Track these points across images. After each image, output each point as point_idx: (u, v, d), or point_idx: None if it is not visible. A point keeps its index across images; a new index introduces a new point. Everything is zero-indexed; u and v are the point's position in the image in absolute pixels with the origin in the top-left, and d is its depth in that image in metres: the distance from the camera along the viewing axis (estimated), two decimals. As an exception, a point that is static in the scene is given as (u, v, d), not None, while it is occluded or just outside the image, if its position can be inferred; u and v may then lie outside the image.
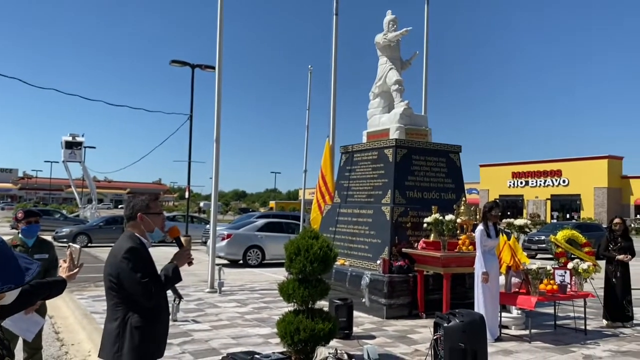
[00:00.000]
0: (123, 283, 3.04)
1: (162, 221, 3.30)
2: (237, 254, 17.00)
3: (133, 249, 3.07)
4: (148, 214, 3.21)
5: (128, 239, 3.16)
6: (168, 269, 3.13)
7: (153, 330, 3.10)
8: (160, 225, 3.29)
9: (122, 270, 3.04)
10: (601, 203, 60.94)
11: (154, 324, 3.10)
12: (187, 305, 9.47)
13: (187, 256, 3.24)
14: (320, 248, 5.90)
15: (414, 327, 8.10)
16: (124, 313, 3.06)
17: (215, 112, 11.74)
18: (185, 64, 23.38)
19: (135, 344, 3.02)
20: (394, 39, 10.86)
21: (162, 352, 3.26)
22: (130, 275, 3.01)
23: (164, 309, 3.23)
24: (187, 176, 23.18)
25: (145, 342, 3.05)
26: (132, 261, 3.03)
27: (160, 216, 3.29)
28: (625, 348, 7.21)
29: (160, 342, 3.20)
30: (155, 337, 3.13)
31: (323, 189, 12.52)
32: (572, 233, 9.06)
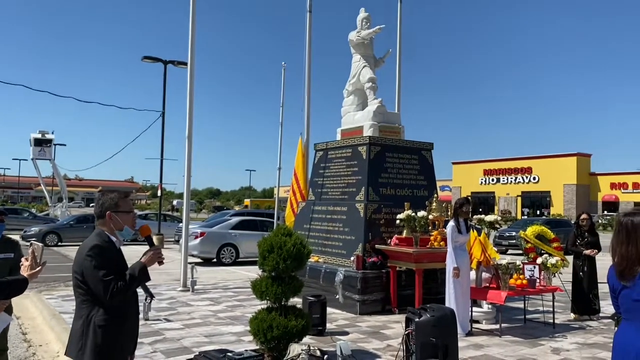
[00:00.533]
0: (87, 281, 2.99)
1: (132, 219, 3.25)
2: (211, 252, 16.89)
3: (97, 247, 3.03)
4: (117, 212, 3.17)
5: (95, 236, 3.12)
6: (135, 268, 3.07)
7: (118, 330, 3.03)
8: (130, 223, 3.23)
9: (85, 268, 2.99)
10: (570, 199, 62.33)
11: (119, 323, 3.04)
12: (159, 304, 9.37)
13: (156, 255, 3.17)
14: (294, 245, 5.89)
15: (386, 323, 8.16)
16: (88, 311, 3.01)
17: (187, 109, 11.61)
18: (157, 60, 23.10)
19: (98, 343, 2.96)
20: (367, 37, 10.91)
21: (129, 352, 3.19)
22: (93, 273, 2.96)
23: (131, 309, 3.17)
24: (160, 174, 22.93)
25: (109, 342, 2.99)
26: (95, 259, 2.98)
27: (130, 214, 3.24)
28: (591, 340, 7.39)
29: (125, 342, 3.13)
30: (120, 337, 3.06)
31: (295, 187, 12.52)
32: (541, 229, 9.25)
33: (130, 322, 3.16)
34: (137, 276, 3.05)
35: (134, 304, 3.20)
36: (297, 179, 12.61)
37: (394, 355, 6.01)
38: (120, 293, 2.97)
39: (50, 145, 40.66)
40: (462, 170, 73.30)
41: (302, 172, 12.61)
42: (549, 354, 6.65)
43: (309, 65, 13.61)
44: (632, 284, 2.99)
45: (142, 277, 3.10)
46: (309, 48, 13.59)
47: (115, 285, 2.95)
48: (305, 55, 13.59)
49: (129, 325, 3.15)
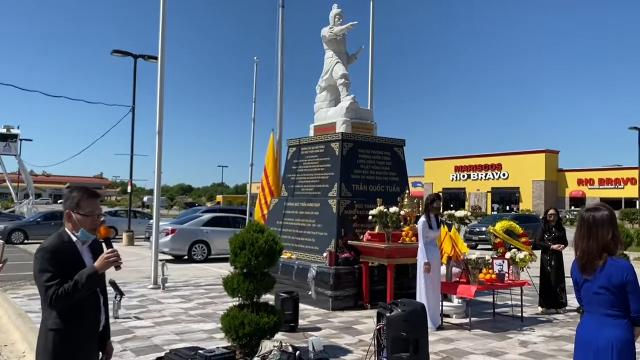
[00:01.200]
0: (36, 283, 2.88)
1: (90, 223, 3.01)
2: (182, 249, 16.72)
3: (44, 249, 2.86)
4: (76, 213, 2.99)
5: (53, 236, 2.97)
6: (83, 274, 2.84)
7: (70, 335, 2.87)
8: (88, 226, 3.00)
9: (33, 270, 2.88)
10: (539, 195, 63.62)
11: (71, 327, 2.88)
12: (129, 302, 9.24)
13: (111, 260, 2.92)
14: (266, 242, 5.87)
15: (358, 318, 8.21)
16: (44, 313, 2.90)
17: (157, 104, 11.45)
18: (127, 54, 22.73)
19: (49, 348, 2.83)
20: (339, 33, 10.92)
21: (90, 356, 3.03)
22: (37, 276, 2.83)
23: (86, 312, 2.96)
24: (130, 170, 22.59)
25: (59, 346, 2.84)
26: (39, 261, 2.83)
27: (88, 218, 3.00)
28: (558, 333, 7.57)
29: (81, 347, 2.94)
30: (72, 341, 2.88)
31: (264, 183, 12.47)
32: (510, 224, 9.42)
33: (87, 327, 2.97)
34: (83, 282, 2.82)
35: (90, 307, 2.99)
36: (266, 175, 12.57)
37: (365, 350, 6.06)
38: (61, 300, 2.78)
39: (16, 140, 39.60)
40: (433, 166, 74.13)
41: (272, 169, 12.57)
42: (517, 346, 6.79)
43: (281, 61, 13.57)
44: (593, 277, 3.07)
45: (91, 284, 2.87)
46: (281, 43, 13.54)
47: (55, 291, 2.77)
48: (278, 51, 13.54)
49: (85, 330, 2.95)
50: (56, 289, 2.78)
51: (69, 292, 2.79)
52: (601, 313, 3.05)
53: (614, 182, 62.47)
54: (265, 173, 12.68)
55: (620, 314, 3.01)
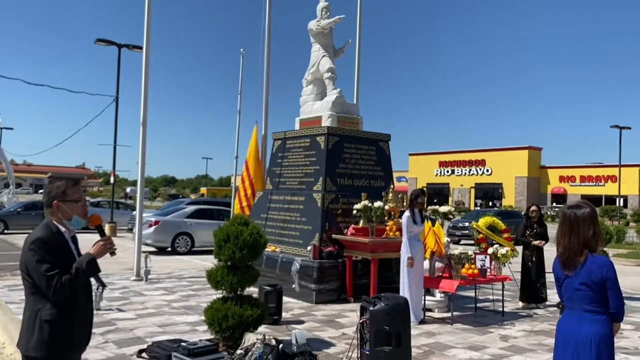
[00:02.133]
0: (31, 274, 2.87)
1: (81, 208, 3.10)
2: (165, 241, 16.62)
3: (40, 240, 2.89)
4: (65, 201, 3.03)
5: (41, 228, 2.98)
6: (82, 262, 2.94)
7: (66, 324, 2.92)
8: (80, 212, 3.09)
9: (28, 262, 2.87)
10: (521, 191, 64.31)
11: (67, 318, 2.92)
12: (112, 293, 9.18)
13: (107, 246, 3.04)
14: (250, 235, 5.87)
15: (342, 312, 8.25)
16: (36, 305, 2.90)
17: (142, 94, 11.33)
18: (111, 43, 22.42)
19: (44, 339, 2.86)
20: (327, 27, 10.89)
21: (82, 342, 3.10)
22: (36, 268, 2.84)
23: (80, 301, 3.03)
24: (113, 160, 22.37)
25: (56, 337, 2.88)
26: (37, 252, 2.85)
27: (79, 203, 3.09)
28: (538, 328, 7.68)
29: (76, 336, 3.02)
30: (69, 331, 2.94)
31: (245, 176, 12.42)
32: (493, 220, 9.50)
33: (81, 315, 3.04)
34: (84, 269, 2.91)
35: (83, 296, 3.07)
36: (247, 167, 12.53)
37: (348, 343, 6.09)
38: (64, 288, 2.84)
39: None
40: (418, 161, 74.51)
41: (254, 161, 12.52)
42: (498, 341, 6.88)
43: (267, 53, 13.51)
44: (574, 273, 3.12)
45: (90, 271, 2.95)
46: (268, 36, 13.48)
47: (58, 281, 2.81)
48: (265, 43, 13.47)
49: (79, 318, 3.02)
50: (59, 278, 2.83)
51: (71, 280, 2.86)
52: (581, 309, 3.10)
53: (595, 179, 63.41)
54: (246, 165, 12.63)
55: (599, 310, 3.06)
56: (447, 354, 6.22)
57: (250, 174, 12.36)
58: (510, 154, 65.54)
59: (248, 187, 12.18)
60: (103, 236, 3.10)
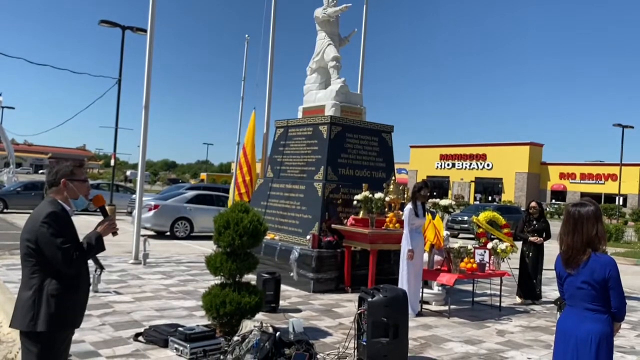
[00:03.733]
0: (43, 249, 2.91)
1: (86, 189, 3.20)
2: (165, 225, 16.62)
3: (54, 214, 2.96)
4: (72, 181, 3.11)
5: (49, 204, 3.03)
6: (91, 237, 3.04)
7: (71, 299, 3.00)
8: (85, 192, 3.18)
9: (41, 235, 2.91)
10: (521, 187, 64.26)
11: (72, 292, 3.00)
12: (110, 276, 9.18)
13: (111, 226, 3.15)
14: (250, 222, 5.85)
15: (339, 301, 8.26)
16: (40, 280, 2.94)
17: (145, 77, 11.26)
18: (115, 24, 22.24)
19: (52, 312, 2.92)
20: (333, 15, 10.80)
21: (79, 322, 3.16)
22: (51, 241, 2.89)
23: (84, 278, 3.13)
24: (114, 143, 22.30)
25: (62, 311, 2.95)
26: (52, 226, 2.91)
27: (85, 184, 3.19)
28: (534, 324, 7.69)
29: (78, 312, 3.10)
30: (73, 306, 3.03)
31: (242, 161, 12.36)
32: (493, 215, 9.50)
33: (82, 293, 3.13)
34: (94, 245, 3.03)
35: (85, 275, 3.16)
36: (245, 153, 12.49)
37: (345, 333, 6.10)
38: (79, 260, 2.95)
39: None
40: (419, 153, 74.38)
41: (251, 148, 12.48)
42: (494, 335, 6.89)
43: (272, 40, 13.43)
44: (577, 272, 3.11)
45: (99, 247, 3.07)
46: (273, 22, 13.39)
47: (74, 252, 2.92)
48: (270, 30, 13.39)
49: (81, 296, 3.12)
50: (74, 250, 2.92)
51: (85, 253, 2.99)
52: (582, 307, 3.09)
53: (595, 177, 63.33)
54: (244, 151, 12.57)
55: (601, 308, 3.05)
56: (443, 347, 6.22)
57: (249, 160, 12.30)
58: (511, 149, 65.39)
59: (246, 173, 12.13)
60: (106, 216, 3.20)
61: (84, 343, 5.54)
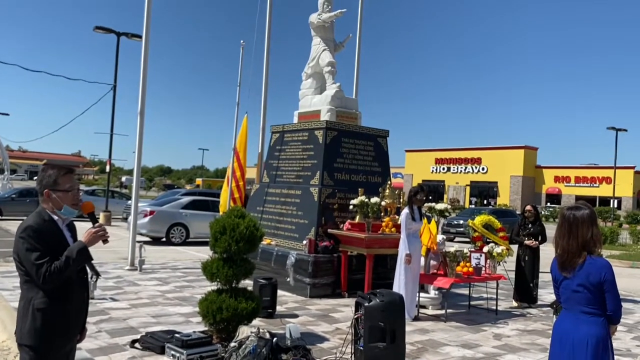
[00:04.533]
0: (23, 262, 2.84)
1: (72, 198, 3.03)
2: (160, 231, 16.58)
3: (30, 228, 2.84)
4: (55, 191, 2.97)
5: (34, 215, 2.94)
6: (73, 250, 2.88)
7: (59, 313, 2.88)
8: (70, 202, 3.02)
9: (19, 249, 2.83)
10: (516, 191, 64.41)
11: (61, 305, 2.89)
12: (106, 282, 9.15)
13: (100, 234, 2.97)
14: (247, 227, 5.84)
15: (336, 306, 8.25)
16: (29, 292, 2.86)
17: (140, 84, 11.26)
18: (110, 31, 22.28)
19: (37, 327, 2.82)
20: (328, 20, 10.83)
21: (74, 333, 3.06)
22: (26, 256, 2.80)
23: (75, 290, 2.99)
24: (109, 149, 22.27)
25: (49, 325, 2.84)
26: (27, 240, 2.81)
27: (70, 193, 3.01)
28: (531, 327, 7.70)
29: (70, 324, 2.99)
30: (62, 320, 2.91)
31: (235, 166, 12.32)
32: (489, 218, 9.52)
33: (75, 305, 3.00)
34: (74, 258, 2.85)
35: (78, 285, 3.03)
36: (238, 157, 12.47)
37: (342, 338, 6.09)
38: (54, 277, 2.78)
39: (-8, 114, 38.73)
40: (414, 158, 74.49)
41: (244, 152, 12.47)
42: (491, 339, 6.89)
43: (267, 45, 13.45)
44: (572, 275, 3.12)
45: (81, 259, 2.89)
46: (268, 28, 13.41)
47: (47, 269, 2.77)
48: (265, 35, 13.41)
49: (73, 308, 2.99)
50: (48, 266, 2.78)
51: (61, 268, 2.80)
52: (578, 310, 3.10)
53: (589, 180, 63.57)
54: (237, 156, 12.54)
55: (596, 311, 3.06)
56: (440, 351, 6.22)
57: (242, 165, 12.27)
58: (506, 153, 65.58)
59: (239, 177, 12.09)
60: (95, 224, 3.03)
61: (80, 350, 5.51)
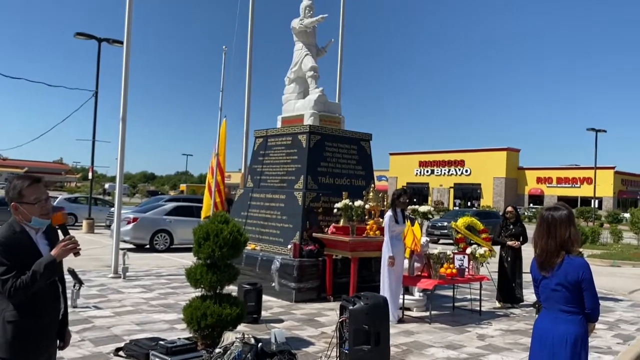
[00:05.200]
0: None
1: (39, 210, 2.90)
2: (144, 238, 16.44)
3: None
4: (21, 204, 2.87)
5: (5, 227, 2.87)
6: (41, 264, 2.78)
7: (29, 326, 2.82)
8: (38, 213, 2.90)
9: None
10: (499, 192, 65.06)
11: (29, 319, 2.82)
12: (89, 291, 9.05)
13: (69, 247, 2.85)
14: (230, 233, 5.84)
15: (321, 310, 8.26)
16: (1, 305, 2.79)
17: (122, 90, 11.20)
18: (91, 37, 22.09)
19: (8, 339, 2.76)
20: (310, 25, 10.88)
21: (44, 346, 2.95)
22: None
23: (46, 303, 2.90)
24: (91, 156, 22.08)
25: (19, 339, 2.78)
26: None
27: (36, 205, 2.89)
28: (514, 327, 7.79)
29: (43, 338, 2.91)
30: (32, 333, 2.83)
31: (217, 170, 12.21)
32: (471, 220, 9.60)
33: (46, 318, 2.91)
34: (42, 272, 2.75)
35: (49, 298, 2.93)
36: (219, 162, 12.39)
37: (327, 342, 6.10)
38: (19, 291, 2.71)
39: (-29, 121, 38.19)
40: (398, 161, 74.92)
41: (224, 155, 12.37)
42: (475, 340, 6.96)
43: (250, 51, 13.47)
44: (551, 274, 3.18)
45: (49, 273, 2.80)
46: (250, 33, 13.44)
47: (13, 284, 2.69)
48: (248, 40, 13.43)
49: (44, 321, 2.90)
50: (13, 281, 2.70)
51: (27, 283, 2.72)
52: (557, 309, 3.15)
53: (571, 181, 64.45)
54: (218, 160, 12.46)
55: (575, 310, 3.12)
56: (425, 352, 6.27)
57: (222, 169, 12.18)
58: (488, 154, 66.25)
59: (220, 182, 12.00)
60: (66, 235, 2.92)
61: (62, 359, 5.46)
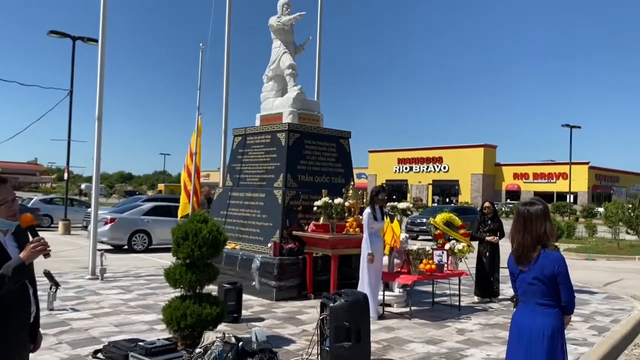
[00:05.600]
0: None
1: (5, 211, 2.84)
2: (122, 238, 16.27)
3: None
4: None
5: None
6: (9, 267, 2.71)
7: None
8: (4, 215, 2.84)
9: None
10: (477, 188, 65.80)
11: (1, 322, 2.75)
12: (66, 293, 8.92)
13: (39, 249, 2.77)
14: (210, 232, 5.79)
15: (302, 308, 8.27)
16: None
17: (97, 88, 11.04)
18: (65, 35, 21.73)
19: None
20: (287, 23, 10.85)
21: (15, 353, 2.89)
22: None
23: (14, 308, 2.83)
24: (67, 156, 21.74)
25: None
26: None
27: (2, 207, 2.83)
28: (493, 321, 7.89)
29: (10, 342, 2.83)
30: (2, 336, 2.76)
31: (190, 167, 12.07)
32: (450, 216, 9.71)
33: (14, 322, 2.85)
34: (10, 276, 2.68)
35: (17, 302, 2.86)
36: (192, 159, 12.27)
37: (308, 340, 6.11)
38: None
39: (-59, 122, 37.27)
40: (377, 158, 75.27)
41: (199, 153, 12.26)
42: (454, 334, 7.04)
43: (227, 48, 13.38)
44: (528, 268, 3.23)
45: (18, 276, 2.72)
46: (228, 30, 13.35)
47: None
48: (225, 37, 13.34)
49: (16, 321, 2.84)
50: None
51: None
52: (534, 302, 3.21)
53: (547, 176, 65.50)
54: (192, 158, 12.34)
55: (551, 303, 3.18)
56: (405, 348, 6.32)
57: (198, 167, 12.05)
58: (466, 151, 66.96)
59: (196, 180, 11.89)
60: (35, 237, 2.85)
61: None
